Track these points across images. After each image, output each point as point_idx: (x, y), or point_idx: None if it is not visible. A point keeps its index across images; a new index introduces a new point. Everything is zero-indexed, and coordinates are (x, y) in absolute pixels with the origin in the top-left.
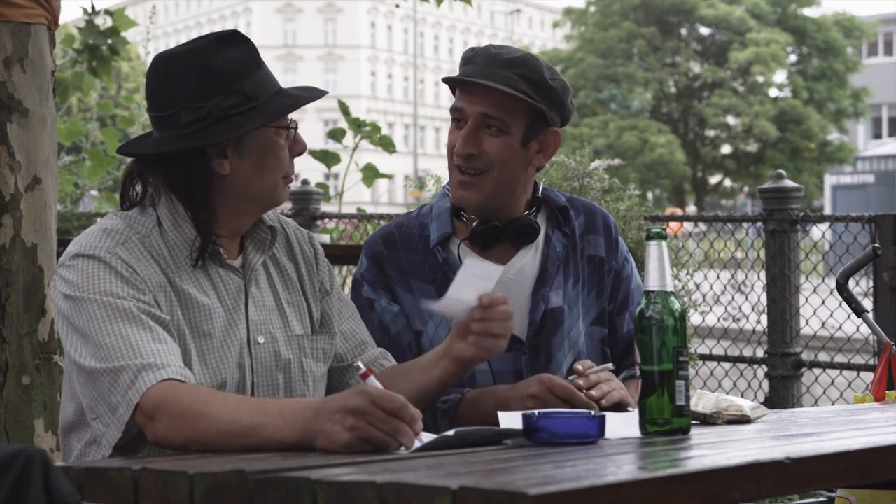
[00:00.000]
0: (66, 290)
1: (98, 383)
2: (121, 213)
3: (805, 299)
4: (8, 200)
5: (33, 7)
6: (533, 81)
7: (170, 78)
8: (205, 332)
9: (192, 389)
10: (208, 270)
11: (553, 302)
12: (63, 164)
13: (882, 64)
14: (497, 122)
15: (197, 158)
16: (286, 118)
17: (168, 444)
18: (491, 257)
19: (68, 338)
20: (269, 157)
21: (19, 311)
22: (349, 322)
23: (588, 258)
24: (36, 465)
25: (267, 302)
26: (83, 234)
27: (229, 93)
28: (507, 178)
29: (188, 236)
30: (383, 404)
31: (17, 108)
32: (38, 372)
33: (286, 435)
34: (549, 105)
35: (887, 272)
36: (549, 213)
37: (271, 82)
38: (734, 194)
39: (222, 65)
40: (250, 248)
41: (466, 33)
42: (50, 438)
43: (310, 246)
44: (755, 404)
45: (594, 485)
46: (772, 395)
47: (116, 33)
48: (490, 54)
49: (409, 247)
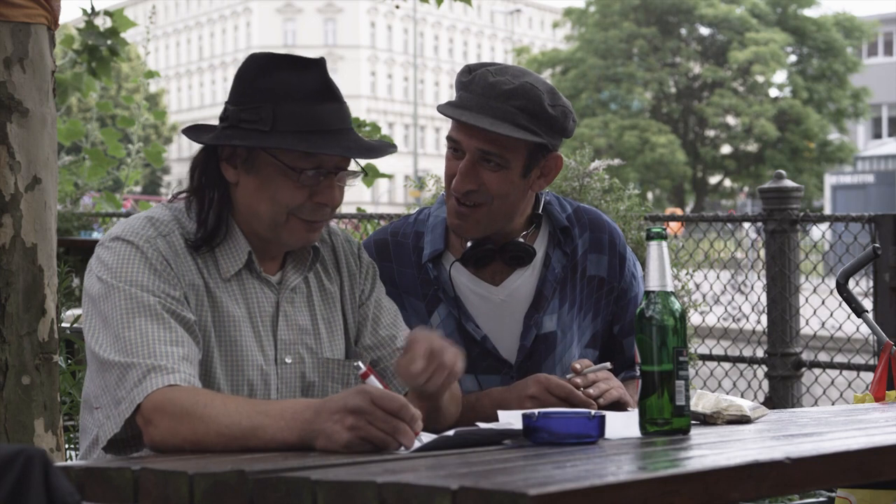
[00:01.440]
0: (99, 271)
1: (107, 374)
2: (170, 205)
3: (805, 299)
4: (8, 200)
5: (33, 7)
6: (532, 113)
7: (237, 74)
8: (232, 339)
9: (191, 392)
10: (243, 281)
11: (546, 327)
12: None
13: (882, 64)
14: (496, 157)
15: (214, 155)
16: (305, 161)
17: (165, 446)
18: (484, 277)
19: (89, 320)
20: (268, 186)
21: (19, 311)
22: (386, 328)
23: (588, 278)
24: (36, 465)
25: (300, 322)
26: (129, 218)
27: (255, 108)
28: (507, 208)
29: (231, 241)
30: (383, 404)
31: (17, 108)
32: (37, 372)
33: (287, 436)
34: (550, 134)
35: (887, 272)
36: (550, 231)
37: (317, 121)
38: (734, 194)
39: (269, 82)
40: (290, 266)
41: (466, 33)
42: (50, 438)
43: (356, 258)
44: (755, 404)
45: (594, 485)
46: (772, 395)
47: (116, 34)
48: (487, 84)
49: (403, 259)
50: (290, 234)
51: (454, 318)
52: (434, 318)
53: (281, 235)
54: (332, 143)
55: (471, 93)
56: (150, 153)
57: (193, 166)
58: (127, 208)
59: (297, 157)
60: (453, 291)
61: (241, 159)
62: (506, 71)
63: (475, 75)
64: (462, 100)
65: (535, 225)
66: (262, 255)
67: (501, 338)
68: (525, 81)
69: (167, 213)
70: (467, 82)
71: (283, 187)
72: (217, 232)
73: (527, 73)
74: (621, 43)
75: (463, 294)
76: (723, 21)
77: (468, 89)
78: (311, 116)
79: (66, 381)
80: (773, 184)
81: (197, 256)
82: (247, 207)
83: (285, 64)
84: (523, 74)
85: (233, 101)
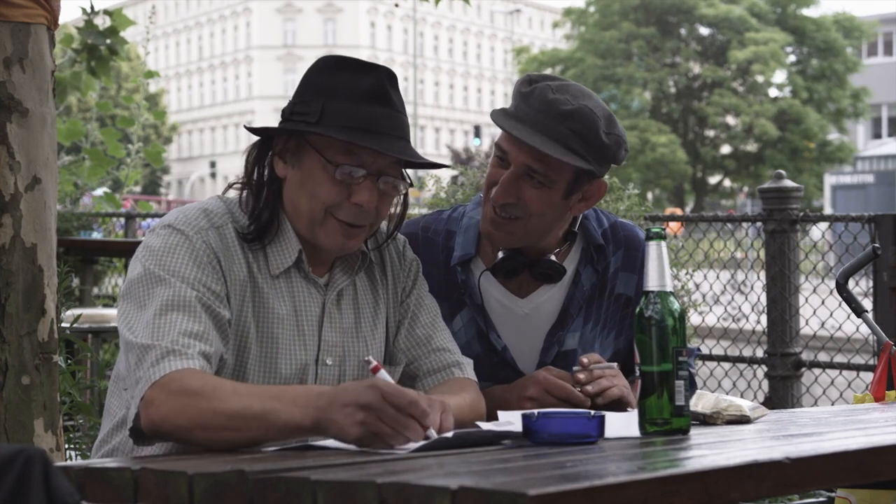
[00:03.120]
0: (144, 256)
1: (130, 355)
2: (224, 197)
3: (805, 299)
4: (8, 200)
5: (33, 7)
6: (586, 139)
7: (304, 73)
8: (273, 336)
9: (201, 375)
10: (291, 280)
11: (568, 344)
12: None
13: (882, 64)
14: (540, 175)
15: (267, 149)
16: (346, 157)
17: (165, 427)
18: (510, 288)
19: (125, 302)
20: (309, 181)
21: (19, 311)
22: (424, 328)
23: (616, 296)
24: (36, 465)
25: (345, 324)
26: (184, 207)
27: (307, 101)
28: (542, 226)
29: (282, 238)
30: (393, 400)
31: (16, 108)
32: (37, 372)
33: (301, 420)
34: (600, 161)
35: (887, 272)
36: (583, 247)
37: (363, 120)
38: (734, 194)
39: (326, 79)
40: (338, 268)
41: (466, 33)
42: (50, 438)
43: (400, 255)
44: (755, 404)
45: (594, 485)
46: (771, 395)
47: (115, 33)
48: (546, 100)
49: (430, 256)
50: (327, 234)
51: (476, 324)
52: (456, 322)
53: (318, 235)
54: (374, 143)
55: (528, 106)
56: (149, 153)
57: (247, 159)
58: (126, 208)
59: (338, 152)
60: (480, 299)
61: (290, 153)
62: (567, 89)
63: (535, 88)
64: (518, 111)
65: (569, 241)
66: (312, 257)
67: (521, 350)
68: (584, 105)
69: (221, 206)
70: (527, 94)
71: (321, 182)
72: (269, 227)
73: (587, 94)
74: (621, 43)
75: (488, 303)
76: (722, 21)
77: (526, 101)
78: (358, 115)
79: (65, 382)
80: (772, 184)
81: (248, 251)
82: (291, 203)
83: (347, 66)
84: (583, 96)
85: (292, 97)
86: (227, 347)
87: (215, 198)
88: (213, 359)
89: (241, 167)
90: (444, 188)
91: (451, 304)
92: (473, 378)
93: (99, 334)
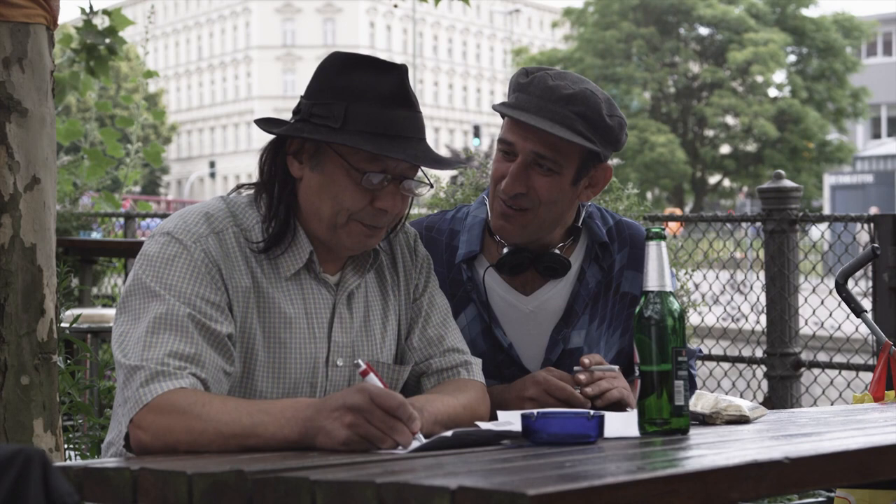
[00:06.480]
0: (143, 267)
1: (119, 372)
2: (228, 198)
3: (804, 299)
4: (7, 200)
5: (32, 7)
6: (591, 121)
7: (316, 70)
8: (281, 340)
9: (188, 392)
10: (301, 281)
11: (573, 342)
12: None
13: (881, 64)
14: (549, 162)
15: (281, 149)
16: (370, 163)
17: (155, 448)
18: (514, 285)
19: (122, 314)
20: (331, 186)
21: (18, 311)
22: (436, 327)
23: (621, 295)
24: (35, 465)
25: (356, 324)
26: (185, 210)
27: (327, 104)
28: (553, 215)
29: (294, 241)
30: (382, 402)
31: (16, 108)
32: (37, 372)
33: (288, 433)
34: (605, 144)
35: (887, 272)
36: (588, 244)
37: (388, 125)
38: (733, 194)
39: (345, 80)
40: (349, 269)
41: (465, 33)
42: (49, 438)
43: (412, 252)
44: (754, 404)
45: (593, 485)
46: (771, 395)
47: (114, 33)
48: (546, 87)
49: (434, 255)
50: (349, 236)
51: (481, 321)
52: (461, 319)
53: (339, 237)
54: (399, 148)
55: (529, 94)
56: (148, 153)
57: (262, 159)
58: (126, 209)
59: (363, 159)
60: (485, 296)
61: (308, 155)
62: (565, 76)
63: (533, 77)
64: (519, 101)
65: (573, 238)
66: (323, 255)
67: (526, 348)
68: (585, 88)
69: (223, 208)
70: (525, 84)
71: (346, 188)
72: (284, 234)
73: (585, 80)
74: (620, 43)
75: (493, 300)
76: (721, 21)
77: (526, 91)
78: (382, 119)
79: (65, 382)
80: (772, 184)
81: (251, 254)
82: (308, 205)
83: (364, 64)
84: (582, 81)
85: (307, 96)
86: (231, 361)
87: (218, 199)
88: (210, 380)
89: (241, 167)
90: (444, 188)
91: (456, 302)
92: (479, 379)
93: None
